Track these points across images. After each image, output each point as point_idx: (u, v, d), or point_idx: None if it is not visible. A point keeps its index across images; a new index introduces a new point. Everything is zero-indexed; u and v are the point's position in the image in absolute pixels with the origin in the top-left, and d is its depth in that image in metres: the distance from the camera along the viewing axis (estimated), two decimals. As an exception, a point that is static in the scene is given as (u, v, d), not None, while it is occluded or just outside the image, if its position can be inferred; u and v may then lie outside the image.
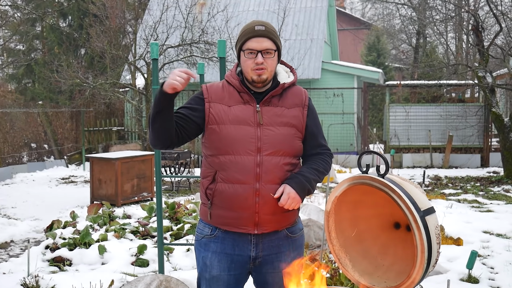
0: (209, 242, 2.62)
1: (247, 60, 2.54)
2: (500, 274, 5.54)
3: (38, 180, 13.70)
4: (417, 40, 25.96)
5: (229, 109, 2.55)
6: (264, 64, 2.51)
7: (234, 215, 2.53)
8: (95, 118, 18.31)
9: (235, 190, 2.49)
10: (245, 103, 2.57)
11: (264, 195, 2.50)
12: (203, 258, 2.64)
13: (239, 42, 2.58)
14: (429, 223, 2.18)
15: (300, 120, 2.62)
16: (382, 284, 2.40)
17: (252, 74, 2.54)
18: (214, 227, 2.61)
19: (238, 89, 2.59)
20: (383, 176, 2.27)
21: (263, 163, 2.50)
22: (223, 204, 2.54)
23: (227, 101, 2.57)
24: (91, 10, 18.08)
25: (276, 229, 2.60)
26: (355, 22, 35.45)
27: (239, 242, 2.58)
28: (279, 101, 2.60)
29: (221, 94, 2.59)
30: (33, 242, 7.27)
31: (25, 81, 23.07)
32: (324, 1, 19.88)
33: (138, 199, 10.18)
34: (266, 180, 2.50)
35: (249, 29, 2.56)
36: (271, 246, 2.60)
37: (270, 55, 2.54)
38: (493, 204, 9.79)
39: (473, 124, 16.03)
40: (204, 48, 15.17)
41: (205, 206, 2.64)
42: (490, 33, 16.07)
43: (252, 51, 2.52)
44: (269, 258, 2.61)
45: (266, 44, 2.52)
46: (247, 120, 2.53)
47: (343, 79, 18.07)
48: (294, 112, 2.61)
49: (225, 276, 2.60)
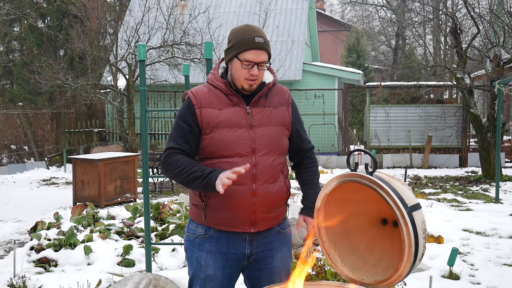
0: (203, 242, 2.64)
1: (242, 70, 2.55)
2: (480, 270, 5.67)
3: (19, 182, 13.59)
4: (396, 41, 26.27)
5: (220, 113, 2.56)
6: (257, 76, 2.57)
7: (231, 215, 2.57)
8: (76, 120, 18.21)
9: (232, 191, 2.51)
10: (234, 105, 2.59)
11: (260, 195, 2.56)
12: (197, 258, 2.65)
13: (236, 50, 2.56)
14: (416, 218, 2.26)
15: (287, 119, 2.70)
16: (370, 279, 2.48)
17: (244, 83, 2.57)
18: (208, 227, 2.63)
19: (225, 92, 2.60)
20: (371, 173, 2.35)
21: (259, 164, 2.55)
22: (220, 206, 2.56)
23: (216, 105, 2.58)
24: (71, 11, 17.98)
25: (270, 226, 2.67)
26: (335, 24, 35.71)
27: (234, 241, 2.62)
28: (265, 101, 2.65)
29: (209, 98, 2.59)
30: (17, 243, 7.24)
31: (3, 82, 22.84)
32: (305, 3, 20.03)
33: (122, 200, 10.17)
34: (262, 180, 2.56)
35: (248, 39, 2.54)
36: (264, 243, 2.66)
37: (263, 66, 2.58)
38: (472, 203, 9.97)
39: (452, 125, 16.29)
40: (186, 50, 15.19)
41: (197, 207, 2.64)
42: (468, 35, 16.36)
43: (249, 63, 2.54)
44: (262, 255, 2.67)
45: (263, 57, 2.56)
46: (239, 122, 2.56)
47: (324, 81, 18.22)
48: (281, 111, 2.68)
49: (220, 275, 2.63)
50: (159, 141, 17.94)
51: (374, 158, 2.38)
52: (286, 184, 2.71)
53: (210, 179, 2.43)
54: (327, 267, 4.74)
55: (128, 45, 15.11)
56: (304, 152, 2.83)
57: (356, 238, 2.63)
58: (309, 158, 2.85)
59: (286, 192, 2.70)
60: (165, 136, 17.81)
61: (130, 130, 15.65)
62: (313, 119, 17.29)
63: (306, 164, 2.85)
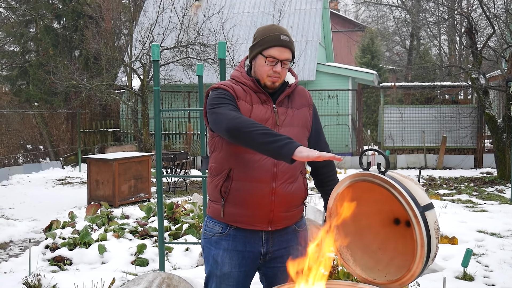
0: (220, 240, 2.65)
1: (266, 66, 2.58)
2: (495, 272, 5.64)
3: (35, 181, 13.72)
4: (411, 42, 26.12)
5: (251, 108, 2.58)
6: (280, 74, 2.59)
7: (249, 213, 2.58)
8: (91, 120, 18.34)
9: (252, 188, 2.54)
10: (262, 103, 2.61)
11: (279, 194, 2.57)
12: (214, 256, 2.66)
13: (261, 46, 2.59)
14: (429, 218, 2.25)
15: (308, 120, 2.73)
16: (382, 278, 2.48)
17: (267, 80, 2.60)
18: (225, 224, 2.64)
19: (254, 89, 2.62)
20: (384, 173, 2.35)
21: (280, 163, 2.56)
22: (239, 202, 2.57)
23: (249, 101, 2.60)
24: (86, 11, 18.11)
25: (288, 225, 2.69)
26: (349, 24, 35.60)
27: (250, 239, 2.63)
28: (288, 102, 2.68)
29: (243, 93, 2.61)
30: (32, 242, 7.31)
31: (20, 82, 23.05)
32: (319, 3, 20.00)
33: (136, 199, 10.23)
34: (282, 179, 2.58)
35: (274, 36, 2.58)
36: (281, 241, 2.68)
37: (287, 65, 2.61)
38: (487, 204, 9.90)
39: (467, 125, 16.16)
40: (200, 50, 15.24)
41: (216, 203, 2.65)
42: (483, 35, 16.23)
43: (273, 59, 2.57)
44: (278, 253, 2.68)
45: (287, 55, 2.59)
46: (267, 120, 2.58)
47: (338, 81, 18.17)
48: (303, 112, 2.72)
49: (236, 273, 2.64)
50: (173, 141, 18.00)
51: (386, 157, 2.37)
52: (305, 184, 2.73)
53: (292, 143, 2.21)
54: (340, 267, 4.73)
55: (143, 46, 15.19)
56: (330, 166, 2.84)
57: (368, 238, 2.63)
58: (327, 167, 2.84)
59: (304, 192, 2.72)
60: (179, 136, 17.88)
61: (144, 130, 15.74)
62: (327, 119, 17.26)
63: (326, 173, 2.85)
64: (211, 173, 2.69)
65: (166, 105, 18.12)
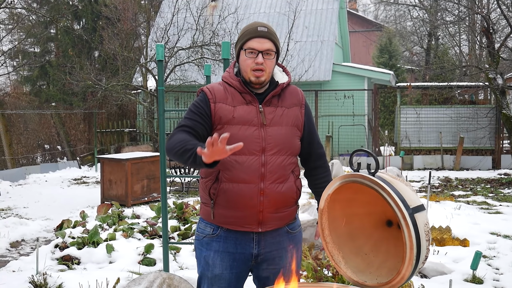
0: (211, 241, 2.64)
1: (247, 59, 2.57)
2: (505, 275, 5.54)
3: (51, 180, 13.86)
4: (429, 41, 25.87)
5: (233, 110, 2.57)
6: (263, 65, 2.56)
7: (239, 214, 2.56)
8: (107, 120, 18.49)
9: (240, 189, 2.53)
10: (247, 103, 2.59)
11: (268, 194, 2.55)
12: (205, 257, 2.66)
13: (240, 41, 2.61)
14: (418, 220, 2.21)
15: (299, 120, 2.69)
16: (373, 281, 2.44)
17: (251, 75, 2.58)
18: (216, 226, 2.63)
19: (239, 89, 2.61)
20: (373, 174, 2.31)
21: (268, 163, 2.55)
22: (228, 204, 2.56)
23: (230, 102, 2.59)
24: (104, 12, 18.25)
25: (279, 226, 2.66)
26: (367, 24, 35.40)
27: (241, 241, 2.61)
28: (278, 101, 2.65)
29: (224, 94, 2.60)
30: (44, 241, 7.39)
31: (40, 83, 23.33)
32: (335, 3, 19.91)
33: (148, 199, 10.28)
34: (270, 180, 2.55)
35: (251, 29, 2.59)
36: (273, 243, 2.65)
37: (270, 56, 2.58)
38: (502, 206, 9.75)
39: (484, 126, 15.96)
40: (215, 50, 15.25)
41: (207, 205, 2.65)
42: (502, 35, 16.01)
43: (253, 51, 2.55)
44: (270, 255, 2.66)
45: (267, 45, 2.57)
46: (251, 120, 2.56)
47: (354, 81, 18.08)
48: (294, 111, 2.68)
49: (227, 275, 2.63)
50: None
51: (376, 158, 2.34)
52: (297, 185, 2.69)
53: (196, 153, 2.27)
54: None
55: (158, 46, 15.24)
56: (316, 156, 2.80)
57: (360, 239, 2.59)
58: (321, 168, 2.83)
59: (296, 192, 2.68)
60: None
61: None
62: (342, 120, 17.17)
63: (319, 174, 2.83)
64: (201, 175, 2.70)
65: (182, 105, 18.18)
